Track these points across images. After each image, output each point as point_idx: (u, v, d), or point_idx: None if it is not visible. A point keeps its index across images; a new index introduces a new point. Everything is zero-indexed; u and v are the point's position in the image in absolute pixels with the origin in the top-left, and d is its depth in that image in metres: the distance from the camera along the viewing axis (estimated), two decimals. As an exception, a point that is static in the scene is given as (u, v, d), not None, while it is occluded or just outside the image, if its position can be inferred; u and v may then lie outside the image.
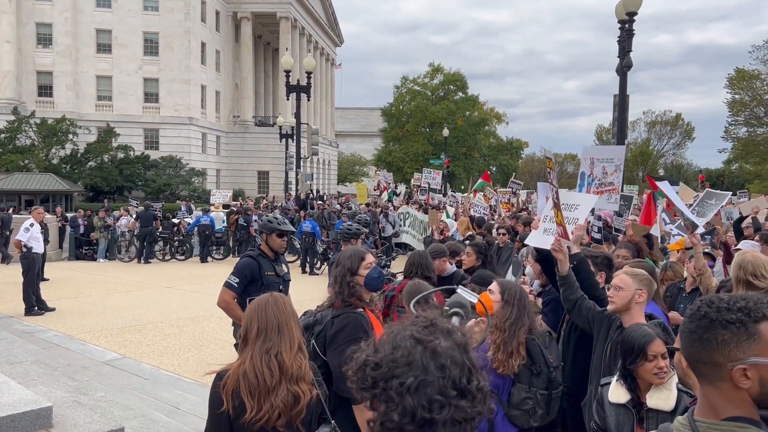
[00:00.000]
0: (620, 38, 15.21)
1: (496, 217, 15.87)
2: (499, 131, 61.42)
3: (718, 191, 8.93)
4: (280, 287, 5.50)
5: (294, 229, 5.65)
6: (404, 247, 19.21)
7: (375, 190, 33.58)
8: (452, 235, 12.96)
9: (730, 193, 25.15)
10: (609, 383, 3.14)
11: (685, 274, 5.94)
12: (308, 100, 26.73)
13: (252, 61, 53.34)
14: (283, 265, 5.67)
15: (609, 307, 3.66)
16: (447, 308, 1.98)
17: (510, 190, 19.45)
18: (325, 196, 40.09)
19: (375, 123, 66.42)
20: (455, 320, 1.88)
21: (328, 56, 67.49)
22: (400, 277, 6.20)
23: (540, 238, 4.37)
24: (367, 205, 23.36)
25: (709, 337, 1.45)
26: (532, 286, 5.48)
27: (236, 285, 5.28)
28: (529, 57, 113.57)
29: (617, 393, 3.04)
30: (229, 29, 52.32)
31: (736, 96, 51.69)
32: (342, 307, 3.53)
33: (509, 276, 7.55)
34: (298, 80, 25.57)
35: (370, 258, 3.66)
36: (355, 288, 3.54)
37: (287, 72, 23.64)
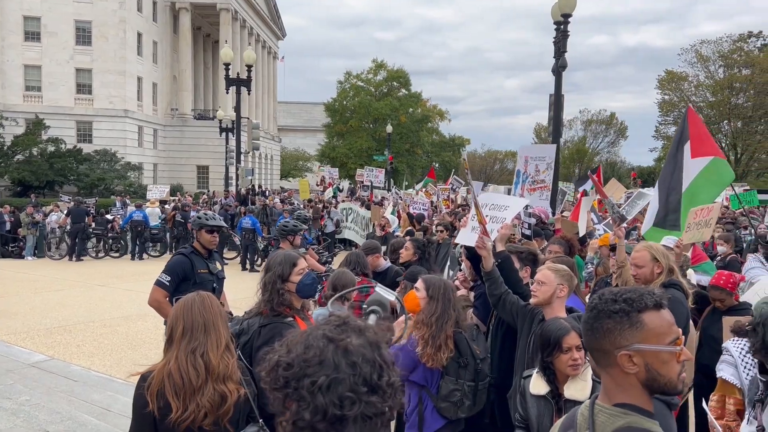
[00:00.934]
0: (556, 39, 15.64)
1: (436, 213, 16.08)
2: (442, 128, 62.10)
3: (648, 192, 9.36)
4: (214, 285, 5.42)
5: (224, 225, 5.56)
6: (347, 243, 19.24)
7: (318, 185, 33.42)
8: (394, 231, 13.05)
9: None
10: (530, 375, 3.25)
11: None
12: (249, 93, 26.32)
13: (191, 52, 52.07)
14: (218, 263, 5.60)
15: (531, 301, 3.80)
16: (365, 306, 2.03)
17: (450, 186, 19.75)
18: (267, 192, 39.58)
19: (319, 118, 65.98)
20: (372, 318, 1.93)
21: (270, 49, 66.58)
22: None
23: (468, 235, 4.51)
24: (309, 201, 23.23)
25: (598, 326, 1.59)
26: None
27: (167, 283, 5.18)
28: (472, 55, 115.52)
29: (537, 385, 3.16)
30: (167, 20, 50.88)
31: (666, 96, 54.04)
32: (270, 316, 3.40)
33: (447, 272, 7.69)
34: (237, 73, 25.14)
35: (302, 264, 3.57)
36: (284, 296, 3.41)
37: (226, 65, 23.22)
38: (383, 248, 8.04)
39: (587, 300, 4.52)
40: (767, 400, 2.99)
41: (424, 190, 22.99)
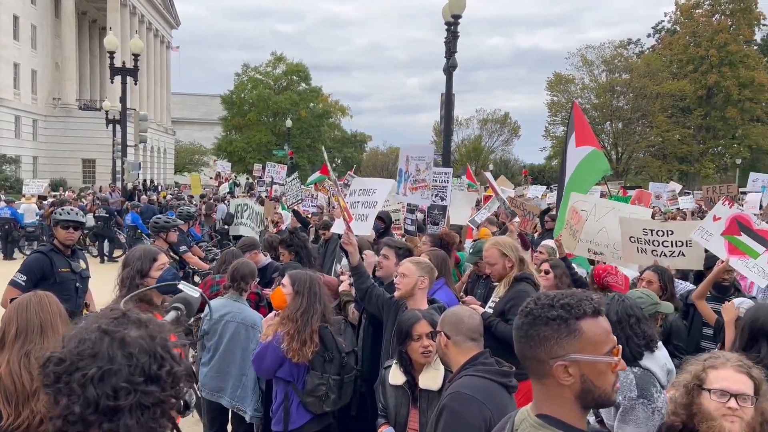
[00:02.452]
0: (446, 39, 16.06)
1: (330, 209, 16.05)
2: (344, 124, 62.13)
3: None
4: (77, 285, 5.14)
5: (80, 220, 5.27)
6: (240, 239, 18.79)
7: (214, 180, 32.43)
8: (286, 227, 12.92)
9: (545, 188, 27.57)
10: (390, 366, 3.34)
11: None
12: (135, 83, 25.11)
13: (75, 39, 48.84)
14: (81, 261, 5.30)
15: (395, 294, 3.89)
16: (167, 303, 2.03)
17: (344, 182, 19.78)
18: (159, 187, 37.87)
19: (217, 111, 63.92)
20: (172, 314, 1.92)
21: (163, 38, 63.78)
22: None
23: (342, 225, 4.56)
24: (202, 196, 22.54)
25: (533, 334, 1.48)
26: None
27: (22, 283, 4.84)
28: (375, 52, 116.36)
29: (395, 375, 3.25)
30: (48, 3, 47.42)
31: (555, 98, 56.85)
32: None
33: (336, 268, 7.73)
34: (123, 62, 23.91)
35: (163, 258, 3.47)
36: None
37: (111, 53, 22.00)
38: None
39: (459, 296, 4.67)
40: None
41: (321, 186, 22.87)
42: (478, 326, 2.77)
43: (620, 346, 1.50)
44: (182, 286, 2.10)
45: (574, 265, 7.40)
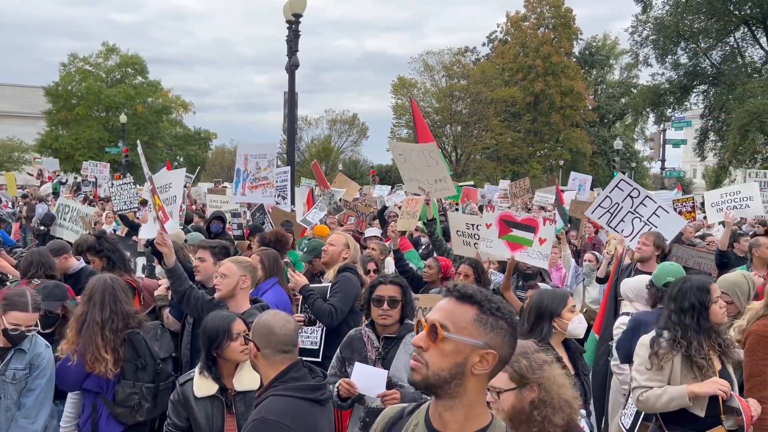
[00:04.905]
0: (288, 38, 15.95)
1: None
2: (188, 121, 59.33)
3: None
4: None
5: None
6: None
7: (37, 178, 29.53)
8: (115, 230, 12.08)
9: (391, 187, 28.21)
10: (190, 379, 3.08)
11: None
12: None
13: None
14: None
15: (216, 295, 3.78)
16: None
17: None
18: (-30, 187, 33.63)
19: (40, 104, 58.15)
20: None
21: (-26, 21, 56.78)
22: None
23: (150, 228, 4.32)
24: (25, 196, 20.41)
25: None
26: None
27: None
28: (220, 47, 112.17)
29: (203, 386, 3.04)
30: None
31: (399, 101, 58.81)
32: None
33: (141, 269, 7.35)
34: None
35: None
36: None
37: None
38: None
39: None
40: None
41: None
42: (291, 336, 2.62)
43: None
44: None
45: (408, 262, 7.73)
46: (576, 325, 3.37)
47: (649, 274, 5.01)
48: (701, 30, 35.75)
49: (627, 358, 4.40)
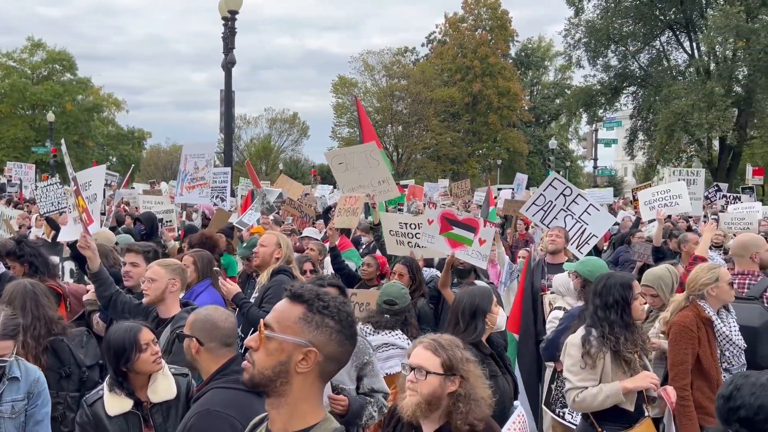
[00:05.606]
0: (224, 35, 15.68)
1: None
2: (121, 120, 57.35)
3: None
4: None
5: None
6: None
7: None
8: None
9: (332, 187, 28.18)
10: (99, 398, 2.88)
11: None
12: None
13: None
14: None
15: (144, 300, 3.66)
16: None
17: (107, 182, 18.31)
18: None
19: (-41, 101, 54.97)
20: None
21: None
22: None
23: (72, 230, 4.14)
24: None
25: None
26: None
27: None
28: (155, 43, 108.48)
29: (116, 403, 2.86)
30: None
31: (340, 100, 58.67)
32: None
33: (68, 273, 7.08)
34: None
35: None
36: None
37: None
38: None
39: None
40: None
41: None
42: (233, 330, 2.68)
43: None
44: None
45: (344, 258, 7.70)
46: (501, 318, 3.67)
47: (560, 265, 5.35)
48: (630, 34, 37.23)
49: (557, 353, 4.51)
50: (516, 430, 2.97)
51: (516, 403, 3.42)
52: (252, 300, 4.57)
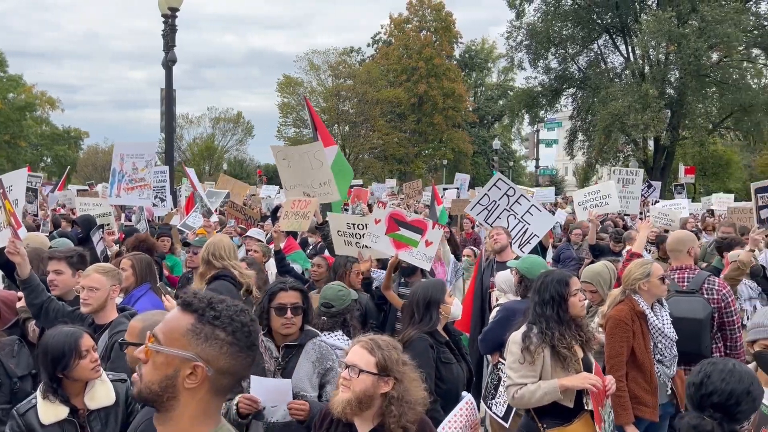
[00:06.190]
0: (164, 32, 15.29)
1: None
2: (55, 119, 55.16)
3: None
4: None
5: None
6: None
7: None
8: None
9: (279, 187, 27.87)
10: (33, 407, 2.77)
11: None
12: None
13: None
14: None
15: (84, 310, 3.54)
16: None
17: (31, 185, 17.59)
18: None
19: None
20: None
21: None
22: None
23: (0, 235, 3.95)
24: None
25: None
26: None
27: None
28: (91, 40, 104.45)
29: (51, 411, 2.76)
30: None
31: (285, 100, 58.15)
32: None
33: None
34: None
35: None
36: None
37: None
38: None
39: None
40: None
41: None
42: None
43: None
44: None
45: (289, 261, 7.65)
46: (455, 308, 3.87)
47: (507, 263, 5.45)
48: (569, 37, 38.30)
49: (496, 346, 4.60)
50: (462, 416, 3.04)
51: (464, 393, 3.49)
52: None
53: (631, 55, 37.28)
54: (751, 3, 34.67)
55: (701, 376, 2.34)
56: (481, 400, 4.80)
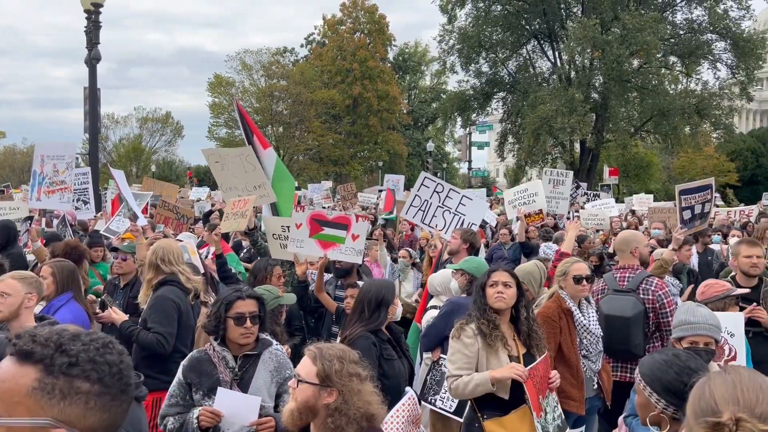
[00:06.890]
0: (87, 29, 14.68)
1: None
2: (-33, 118, 51.97)
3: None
4: None
5: None
6: None
7: None
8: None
9: (209, 188, 27.28)
10: None
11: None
12: None
13: None
14: None
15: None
16: None
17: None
18: None
19: None
20: None
21: None
22: None
23: None
24: None
25: None
26: None
27: None
28: (9, 35, 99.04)
29: None
30: None
31: (216, 100, 56.94)
32: None
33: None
34: None
35: None
36: None
37: None
38: None
39: None
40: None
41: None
42: None
43: None
44: None
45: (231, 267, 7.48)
46: (399, 309, 4.18)
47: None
48: (499, 41, 39.27)
49: (438, 342, 4.67)
50: (405, 411, 3.07)
51: (407, 388, 3.53)
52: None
53: (558, 60, 38.61)
54: (668, 12, 36.61)
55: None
56: (421, 400, 4.85)
